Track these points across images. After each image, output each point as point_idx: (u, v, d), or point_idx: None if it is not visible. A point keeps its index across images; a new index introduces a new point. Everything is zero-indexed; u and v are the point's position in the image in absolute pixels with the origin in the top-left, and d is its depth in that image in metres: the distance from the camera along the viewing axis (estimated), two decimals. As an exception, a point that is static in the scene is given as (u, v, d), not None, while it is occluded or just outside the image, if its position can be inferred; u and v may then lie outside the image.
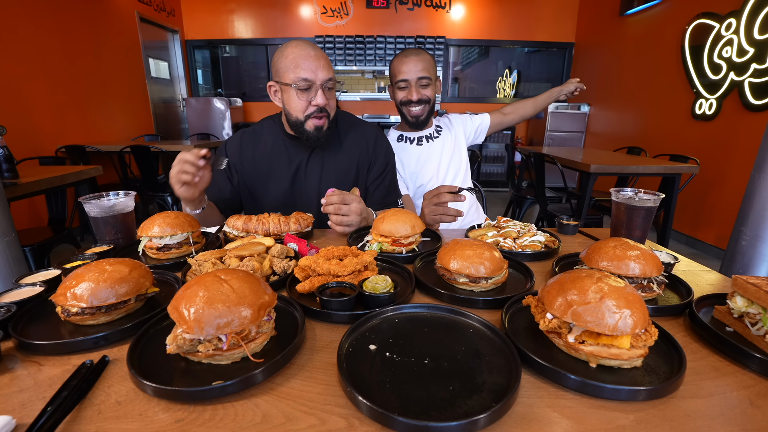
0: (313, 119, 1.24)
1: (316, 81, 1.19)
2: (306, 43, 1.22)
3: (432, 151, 1.75)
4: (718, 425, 0.47)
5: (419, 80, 1.58)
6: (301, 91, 1.20)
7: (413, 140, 1.76)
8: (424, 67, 1.57)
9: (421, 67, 1.56)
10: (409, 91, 1.61)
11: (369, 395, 0.47)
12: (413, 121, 1.67)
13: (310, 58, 1.18)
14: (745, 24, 3.31)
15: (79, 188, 2.67)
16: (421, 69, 1.56)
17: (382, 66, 6.51)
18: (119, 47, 4.88)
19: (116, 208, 1.02)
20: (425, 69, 1.57)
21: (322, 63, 1.20)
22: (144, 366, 0.54)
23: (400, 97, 1.64)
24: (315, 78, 1.19)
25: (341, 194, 1.13)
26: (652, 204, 1.02)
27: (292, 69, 1.19)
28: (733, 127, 3.50)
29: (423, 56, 1.58)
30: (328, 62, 1.23)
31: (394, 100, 1.70)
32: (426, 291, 0.81)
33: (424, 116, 1.66)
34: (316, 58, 1.19)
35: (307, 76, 1.18)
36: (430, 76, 1.59)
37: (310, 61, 1.18)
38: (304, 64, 1.18)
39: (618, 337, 0.53)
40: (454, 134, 1.82)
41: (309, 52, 1.19)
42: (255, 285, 0.59)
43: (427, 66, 1.58)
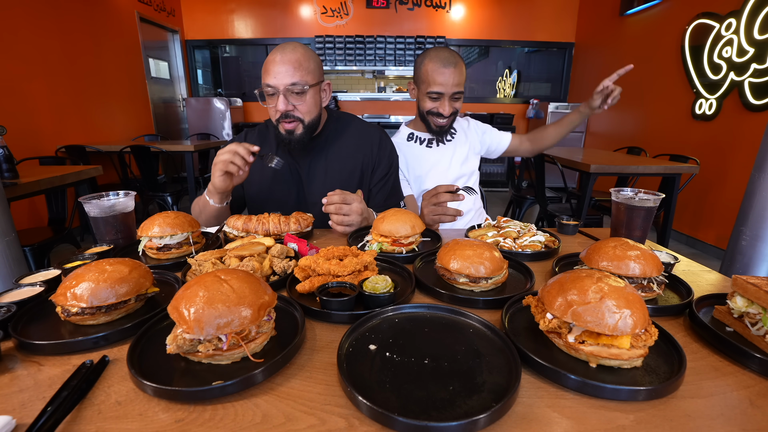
0: (282, 123, 1.25)
1: (279, 86, 1.18)
2: (279, 47, 1.19)
3: (442, 154, 1.68)
4: (718, 425, 0.46)
5: (454, 95, 1.51)
6: (269, 96, 1.22)
7: (423, 140, 1.69)
8: (460, 81, 1.49)
9: (458, 80, 1.48)
10: (442, 104, 1.53)
11: (369, 395, 0.47)
12: (437, 130, 1.62)
13: (274, 63, 1.17)
14: (745, 24, 3.31)
15: (79, 188, 2.67)
16: (457, 83, 1.48)
17: (382, 66, 6.51)
18: (119, 47, 4.88)
19: (116, 208, 1.02)
20: (460, 82, 1.50)
21: (286, 68, 1.16)
22: (144, 366, 0.54)
23: (428, 106, 1.56)
24: (277, 83, 1.18)
25: (342, 194, 1.13)
26: (652, 204, 1.02)
27: (263, 75, 1.21)
28: (733, 127, 3.50)
29: (460, 67, 1.49)
30: (298, 65, 1.18)
31: (418, 101, 1.61)
32: (426, 291, 0.81)
33: (448, 126, 1.62)
34: (280, 63, 1.16)
35: (270, 81, 1.18)
36: (462, 89, 1.52)
37: (273, 66, 1.17)
38: (269, 70, 1.18)
39: (618, 337, 0.53)
40: (470, 141, 1.74)
41: (275, 57, 1.17)
42: (255, 285, 0.59)
43: (461, 79, 1.50)
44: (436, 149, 1.69)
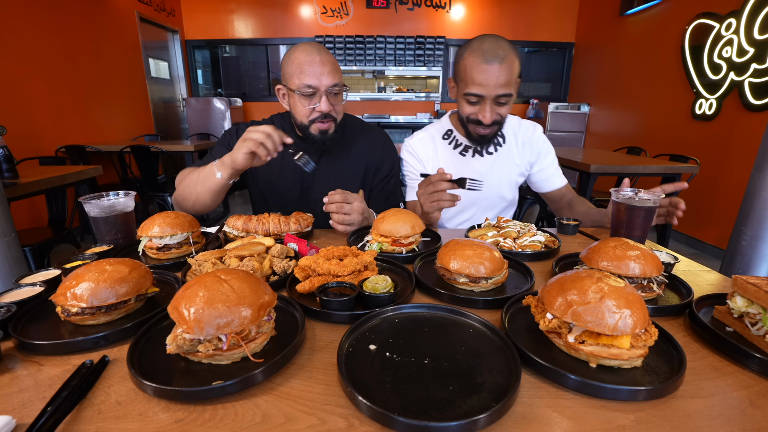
0: (317, 123, 1.24)
1: (320, 87, 1.18)
2: (313, 47, 1.20)
3: (480, 166, 1.43)
4: (718, 425, 0.46)
5: (498, 98, 1.22)
6: (305, 97, 1.20)
7: (460, 145, 1.44)
8: (508, 80, 1.19)
9: (504, 80, 1.18)
10: (482, 109, 1.24)
11: (369, 395, 0.47)
12: (477, 138, 1.34)
13: (314, 63, 1.17)
14: (745, 24, 3.31)
15: (79, 188, 2.67)
16: (503, 83, 1.19)
17: (382, 66, 6.51)
18: (119, 47, 4.88)
19: (116, 208, 1.02)
20: (508, 82, 1.19)
21: (327, 69, 1.18)
22: (144, 366, 0.54)
23: (467, 111, 1.28)
24: (319, 84, 1.18)
25: (344, 193, 1.13)
26: (652, 204, 1.02)
27: (297, 75, 1.18)
28: (733, 127, 3.50)
29: (509, 62, 1.18)
30: (335, 67, 1.21)
31: (457, 101, 1.33)
32: (426, 291, 0.81)
33: (491, 136, 1.34)
34: (321, 64, 1.17)
35: (311, 82, 1.17)
36: (511, 91, 1.21)
37: (314, 67, 1.17)
38: (308, 70, 1.17)
39: (618, 337, 0.53)
40: (519, 158, 1.44)
41: (314, 58, 1.17)
42: (255, 285, 0.59)
43: (510, 78, 1.19)
44: (470, 160, 1.43)
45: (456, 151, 1.45)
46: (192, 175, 1.22)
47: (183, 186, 1.24)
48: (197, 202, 1.21)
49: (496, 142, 1.44)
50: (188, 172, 1.25)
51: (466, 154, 1.44)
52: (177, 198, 1.28)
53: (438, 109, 6.64)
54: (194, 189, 1.19)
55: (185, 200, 1.23)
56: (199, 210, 1.24)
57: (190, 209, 1.24)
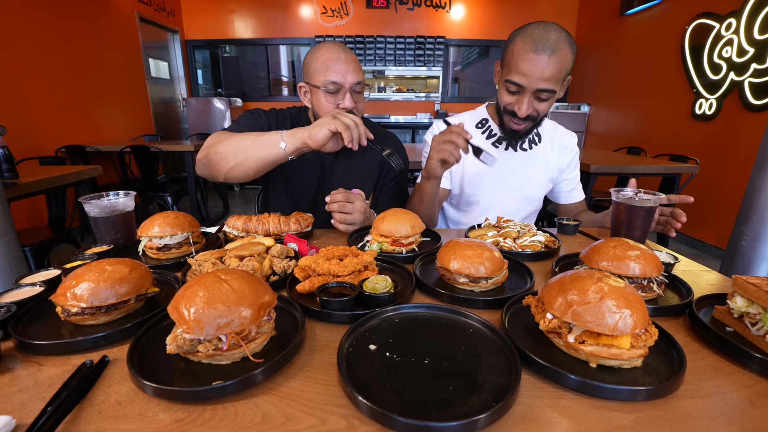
0: None
1: (345, 84, 1.20)
2: (337, 45, 1.23)
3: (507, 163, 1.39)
4: (718, 425, 0.46)
5: (539, 92, 1.14)
6: (330, 94, 1.21)
7: (494, 135, 1.39)
8: (553, 75, 1.11)
9: (550, 73, 1.10)
10: (519, 100, 1.18)
11: (369, 395, 0.47)
12: (509, 132, 1.30)
13: (340, 61, 1.19)
14: (745, 24, 3.31)
15: (79, 188, 2.67)
16: (548, 76, 1.10)
17: (382, 66, 6.51)
18: (119, 47, 4.88)
19: (116, 208, 1.02)
20: (553, 77, 1.11)
21: (352, 66, 1.21)
22: (144, 366, 0.54)
23: (505, 100, 1.22)
24: (344, 81, 1.20)
25: (345, 193, 1.14)
26: (652, 204, 1.02)
27: (322, 72, 1.20)
28: (733, 127, 3.50)
29: (560, 55, 1.09)
30: (358, 65, 1.24)
31: (498, 87, 1.27)
32: (426, 291, 0.81)
33: (523, 132, 1.29)
34: (346, 62, 1.20)
35: (336, 79, 1.19)
36: (554, 87, 1.13)
37: (339, 65, 1.19)
38: (333, 68, 1.19)
39: (618, 337, 0.53)
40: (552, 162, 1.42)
41: (339, 55, 1.20)
42: (255, 285, 0.58)
43: (557, 73, 1.11)
44: (502, 152, 1.39)
45: (489, 142, 1.40)
46: (242, 137, 1.10)
47: (226, 145, 1.10)
48: (239, 167, 1.10)
49: (531, 140, 1.40)
50: (229, 135, 1.14)
51: (499, 146, 1.39)
52: (211, 156, 1.13)
53: (438, 109, 6.64)
54: (243, 152, 1.08)
55: (224, 161, 1.10)
56: (233, 177, 1.13)
57: (221, 173, 1.13)
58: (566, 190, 1.50)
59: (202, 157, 1.17)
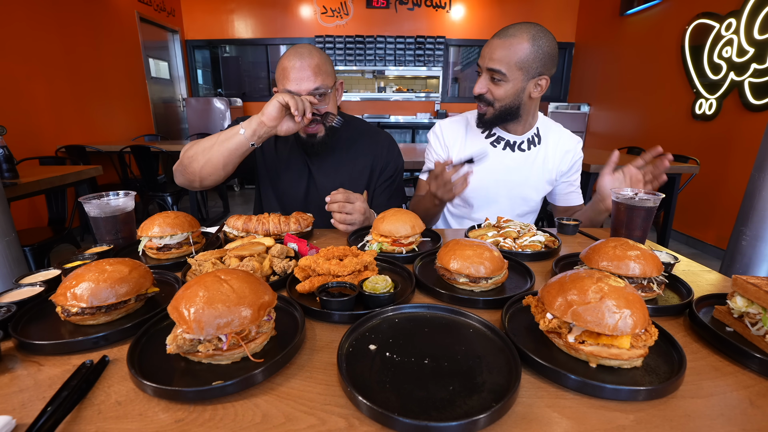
0: (306, 128, 1.25)
1: (301, 92, 1.18)
2: (296, 51, 1.19)
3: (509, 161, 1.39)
4: (718, 425, 0.46)
5: (490, 72, 1.22)
6: None
7: (493, 135, 1.40)
8: (501, 56, 1.18)
9: (498, 55, 1.18)
10: (477, 80, 1.27)
11: (369, 395, 0.47)
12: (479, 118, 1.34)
13: (294, 69, 1.17)
14: (745, 24, 3.31)
15: (79, 188, 2.67)
16: (496, 57, 1.18)
17: (382, 66, 6.51)
18: (119, 47, 4.88)
19: (116, 208, 1.02)
20: (502, 59, 1.18)
21: (306, 74, 1.17)
22: (144, 366, 0.54)
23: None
24: (299, 89, 1.18)
25: (345, 193, 1.14)
26: (652, 204, 1.02)
27: (281, 80, 1.20)
28: (733, 127, 3.50)
29: (513, 41, 1.16)
30: (318, 70, 1.18)
31: None
32: (426, 291, 0.81)
33: (487, 117, 1.30)
34: (299, 69, 1.16)
35: (291, 88, 1.18)
36: (503, 69, 1.19)
37: (294, 73, 1.17)
38: (289, 76, 1.17)
39: (618, 337, 0.53)
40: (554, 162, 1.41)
41: (294, 63, 1.17)
42: (255, 285, 0.58)
43: (506, 55, 1.17)
44: (500, 152, 1.40)
45: (488, 141, 1.41)
46: (209, 137, 1.16)
47: (195, 148, 1.17)
48: (208, 164, 1.14)
49: (531, 141, 1.40)
50: (203, 141, 1.19)
51: (497, 146, 1.40)
52: (183, 161, 1.19)
53: (438, 109, 6.64)
54: (209, 149, 1.13)
55: (194, 161, 1.15)
56: (206, 176, 1.17)
57: (195, 174, 1.17)
58: (564, 193, 1.50)
59: (176, 165, 1.22)
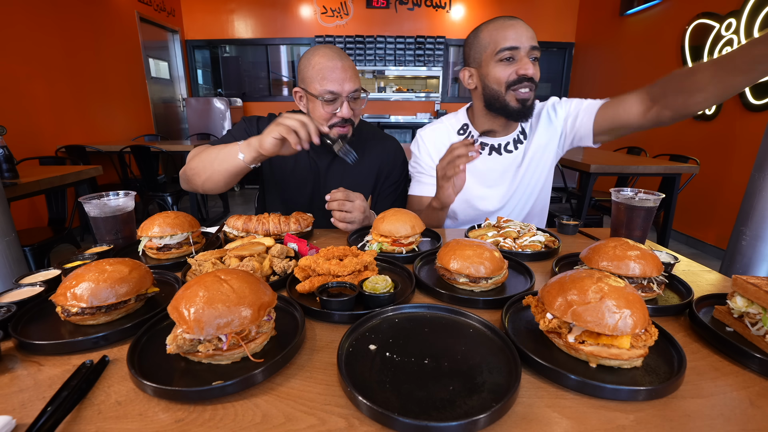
0: (336, 128, 1.24)
1: (342, 93, 1.18)
2: (334, 51, 1.20)
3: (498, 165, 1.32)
4: (718, 425, 0.46)
5: (532, 51, 1.15)
6: (327, 102, 1.19)
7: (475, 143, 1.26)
8: (534, 36, 1.16)
9: (532, 34, 1.16)
10: (521, 62, 1.15)
11: (369, 395, 0.47)
12: (518, 108, 1.20)
13: (336, 69, 1.16)
14: (745, 24, 3.31)
15: (79, 188, 2.67)
16: (532, 36, 1.16)
17: (382, 66, 6.51)
18: (119, 47, 4.88)
19: (116, 208, 1.02)
20: (535, 37, 1.16)
21: (349, 74, 1.18)
22: (144, 366, 0.54)
23: (503, 74, 1.17)
24: (341, 90, 1.18)
25: (345, 192, 1.15)
26: (652, 204, 1.02)
27: (318, 80, 1.17)
28: (733, 127, 3.50)
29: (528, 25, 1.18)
30: (355, 71, 1.22)
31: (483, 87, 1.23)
32: (426, 291, 0.81)
33: (531, 101, 1.21)
34: (342, 70, 1.17)
35: (333, 88, 1.17)
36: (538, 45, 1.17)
37: (336, 73, 1.16)
38: (330, 76, 1.16)
39: (618, 337, 0.53)
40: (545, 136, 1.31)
41: (336, 64, 1.17)
42: (255, 285, 0.58)
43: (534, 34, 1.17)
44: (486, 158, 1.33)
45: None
46: (210, 151, 1.15)
47: (197, 160, 1.16)
48: (209, 181, 1.15)
49: (517, 139, 1.32)
50: (204, 149, 1.19)
51: (482, 152, 1.34)
52: (187, 172, 1.20)
53: (438, 109, 6.64)
54: (210, 166, 1.13)
55: (197, 175, 1.16)
56: (209, 189, 1.18)
57: (198, 187, 1.19)
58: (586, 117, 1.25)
59: (182, 173, 1.21)
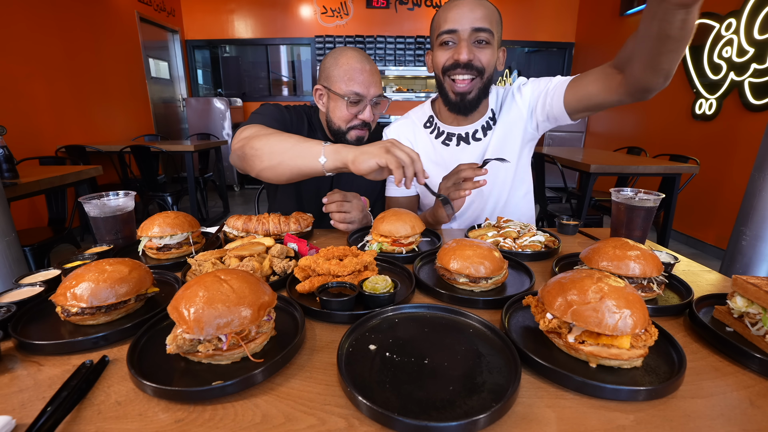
0: (355, 130, 1.26)
1: (367, 96, 1.20)
2: (362, 55, 1.21)
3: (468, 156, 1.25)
4: (718, 425, 0.46)
5: (474, 32, 1.06)
6: (351, 104, 1.20)
7: (442, 133, 1.27)
8: (484, 14, 1.05)
9: (480, 14, 1.05)
10: (457, 49, 1.08)
11: (369, 395, 0.47)
12: (455, 100, 1.15)
13: (365, 72, 1.18)
14: (745, 24, 3.31)
15: (79, 188, 2.67)
16: (479, 16, 1.05)
17: (382, 66, 6.50)
18: (119, 47, 4.88)
19: (116, 208, 1.02)
20: (485, 17, 1.05)
21: (375, 79, 1.21)
22: (144, 366, 0.54)
23: (442, 59, 1.12)
24: (367, 93, 1.20)
25: (342, 192, 1.15)
26: (652, 204, 1.02)
27: (345, 81, 1.18)
28: (733, 127, 3.50)
29: (484, 3, 1.07)
30: (380, 78, 1.24)
31: (434, 69, 1.18)
32: (426, 291, 0.81)
33: (472, 94, 1.13)
34: (370, 73, 1.19)
35: (360, 90, 1.18)
36: (489, 27, 1.05)
37: (364, 76, 1.18)
38: (358, 78, 1.18)
39: (618, 337, 0.53)
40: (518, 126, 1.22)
41: (364, 66, 1.19)
42: (255, 285, 0.58)
43: (488, 14, 1.06)
44: (455, 150, 1.26)
45: (438, 141, 1.28)
46: (281, 138, 1.00)
47: (264, 142, 1.00)
48: (272, 170, 1.00)
49: (486, 125, 1.23)
50: (267, 132, 1.04)
51: (449, 143, 1.26)
52: (247, 151, 1.02)
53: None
54: (279, 155, 0.98)
55: (258, 158, 1.00)
56: (267, 178, 1.04)
57: (254, 170, 1.04)
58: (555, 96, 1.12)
59: (237, 149, 1.07)
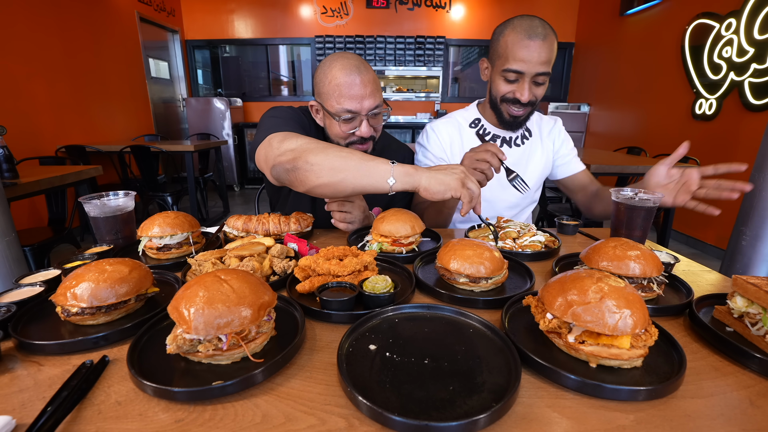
0: (355, 146, 1.17)
1: (361, 112, 1.09)
2: (352, 64, 1.07)
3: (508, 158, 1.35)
4: (718, 425, 0.46)
5: (537, 76, 1.19)
6: (345, 122, 1.11)
7: (488, 134, 1.39)
8: (549, 58, 1.17)
9: (546, 57, 1.16)
10: (520, 87, 1.22)
11: (369, 395, 0.47)
12: (509, 120, 1.30)
13: (355, 86, 1.06)
14: (745, 24, 3.31)
15: (79, 188, 2.67)
16: (544, 60, 1.16)
17: (382, 66, 6.51)
18: (119, 47, 4.88)
19: (116, 208, 1.02)
20: (549, 60, 1.18)
21: (369, 90, 1.08)
22: (144, 366, 0.54)
23: (503, 89, 1.24)
24: (360, 109, 1.08)
25: None
26: (652, 204, 1.02)
27: (335, 98, 1.08)
28: (733, 127, 3.50)
29: (550, 41, 1.17)
30: (376, 85, 1.10)
31: (490, 85, 1.30)
32: (426, 291, 0.81)
33: (523, 118, 1.30)
34: (362, 86, 1.06)
35: (352, 107, 1.07)
36: (549, 71, 1.20)
37: (355, 90, 1.06)
38: (348, 93, 1.06)
39: (618, 337, 0.53)
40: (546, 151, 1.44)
41: (353, 79, 1.05)
42: (255, 285, 0.58)
43: (550, 57, 1.18)
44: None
45: (486, 140, 1.41)
46: (342, 154, 0.92)
47: (321, 157, 0.92)
48: (330, 187, 0.92)
49: (523, 135, 1.41)
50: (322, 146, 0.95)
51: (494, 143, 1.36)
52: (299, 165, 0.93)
53: (438, 109, 6.64)
54: (341, 172, 0.90)
55: (313, 174, 0.92)
56: (318, 193, 0.97)
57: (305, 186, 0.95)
58: (563, 164, 1.48)
59: (286, 161, 0.95)
